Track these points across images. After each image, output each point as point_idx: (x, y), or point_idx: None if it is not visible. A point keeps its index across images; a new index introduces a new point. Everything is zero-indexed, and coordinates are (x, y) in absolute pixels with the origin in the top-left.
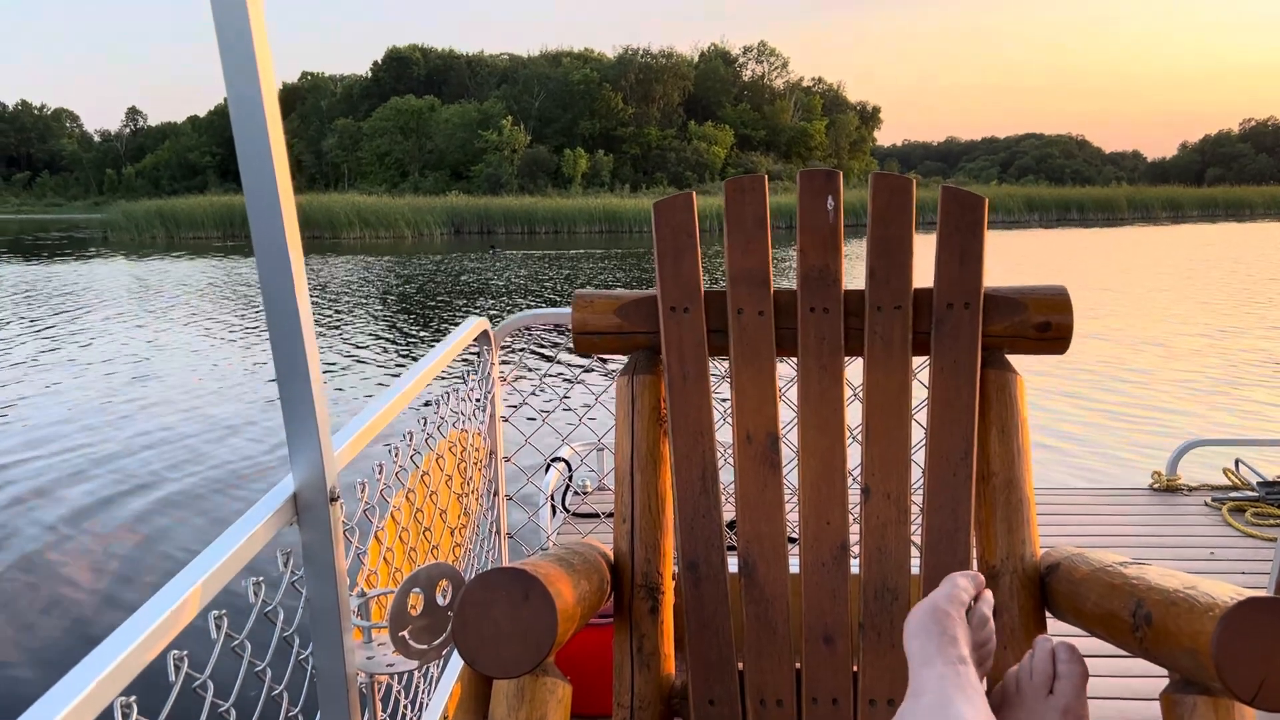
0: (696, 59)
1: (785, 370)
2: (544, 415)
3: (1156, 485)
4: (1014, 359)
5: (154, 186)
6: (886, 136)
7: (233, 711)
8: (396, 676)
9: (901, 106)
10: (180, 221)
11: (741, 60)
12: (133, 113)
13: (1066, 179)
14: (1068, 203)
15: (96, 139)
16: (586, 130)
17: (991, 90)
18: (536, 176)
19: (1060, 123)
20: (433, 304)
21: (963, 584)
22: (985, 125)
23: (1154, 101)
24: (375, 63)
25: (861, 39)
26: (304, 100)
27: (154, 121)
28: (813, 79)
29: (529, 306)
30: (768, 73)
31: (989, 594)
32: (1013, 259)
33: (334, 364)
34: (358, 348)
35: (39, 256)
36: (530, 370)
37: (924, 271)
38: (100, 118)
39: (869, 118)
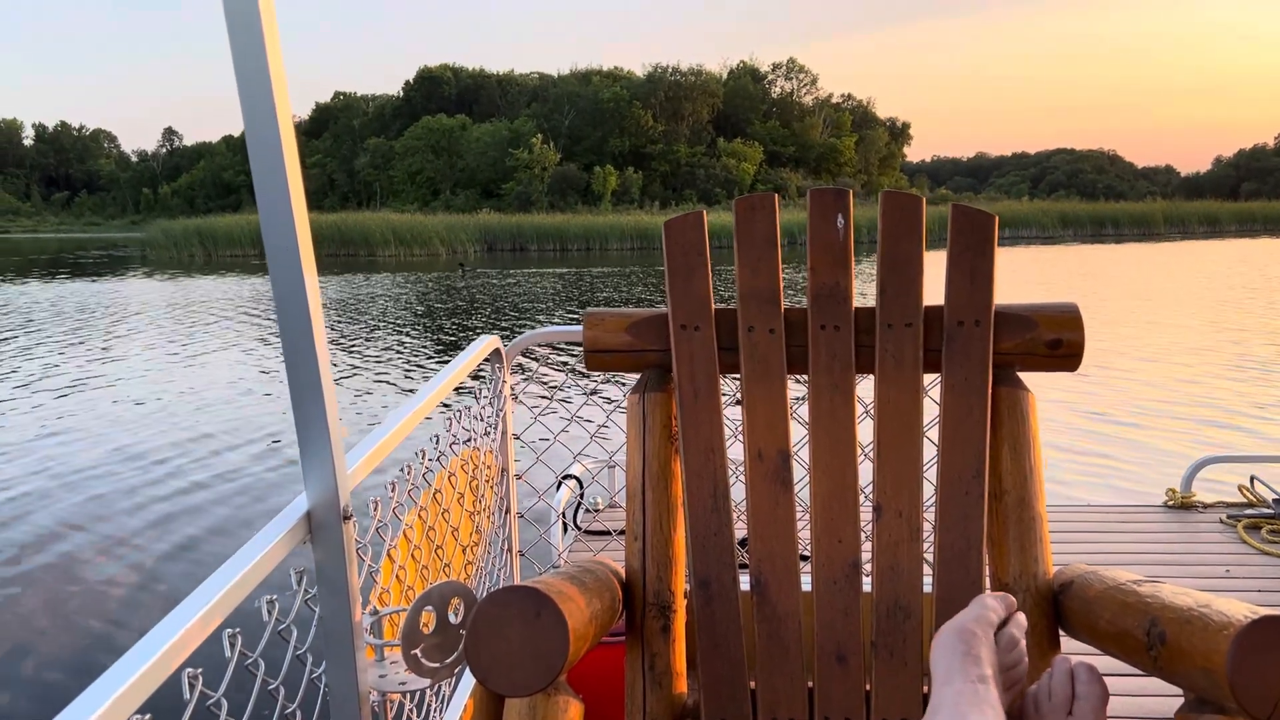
0: (725, 76)
1: (796, 388)
2: (556, 433)
3: (1171, 502)
4: (1026, 376)
5: (189, 205)
6: (916, 152)
7: None
8: (409, 695)
9: (931, 122)
10: (218, 239)
11: (770, 77)
12: (169, 133)
13: (1099, 194)
14: (1103, 218)
15: (134, 159)
16: (616, 148)
17: (1021, 105)
18: (566, 194)
19: (1091, 138)
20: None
21: (992, 604)
22: (1015, 140)
23: (1186, 116)
24: (407, 82)
25: (890, 55)
26: (336, 120)
27: (189, 141)
28: (842, 95)
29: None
30: (797, 89)
31: (1020, 616)
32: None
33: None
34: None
35: (83, 274)
36: (542, 387)
37: (935, 289)
38: (137, 138)
39: (898, 134)
